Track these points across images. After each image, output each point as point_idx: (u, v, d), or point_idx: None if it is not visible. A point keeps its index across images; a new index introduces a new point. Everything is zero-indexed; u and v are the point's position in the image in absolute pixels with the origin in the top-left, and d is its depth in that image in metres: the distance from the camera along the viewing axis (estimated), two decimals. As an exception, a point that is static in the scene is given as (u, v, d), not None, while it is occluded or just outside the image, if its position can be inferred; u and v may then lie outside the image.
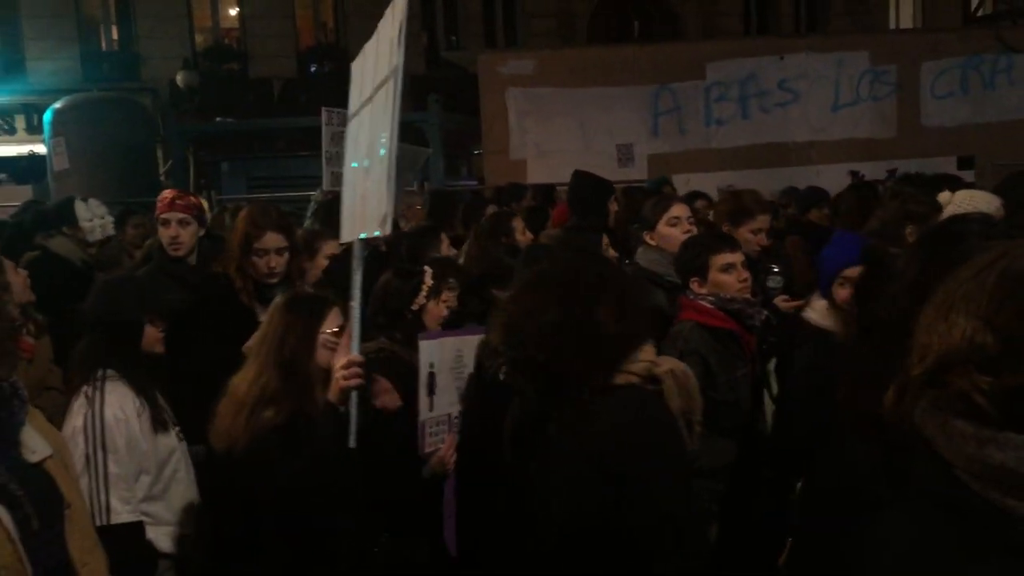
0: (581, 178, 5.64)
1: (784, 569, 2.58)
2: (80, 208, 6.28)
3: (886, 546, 1.30)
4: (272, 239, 3.88)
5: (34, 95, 18.22)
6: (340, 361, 2.71)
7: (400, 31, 2.45)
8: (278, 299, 3.10)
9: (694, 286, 3.69)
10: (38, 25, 19.17)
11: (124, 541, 2.97)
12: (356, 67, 3.03)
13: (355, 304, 2.72)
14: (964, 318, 1.24)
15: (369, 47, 2.86)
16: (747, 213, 4.57)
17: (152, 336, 3.32)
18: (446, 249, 4.89)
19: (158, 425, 3.21)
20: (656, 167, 9.95)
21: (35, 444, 2.52)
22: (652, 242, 4.37)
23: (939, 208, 4.32)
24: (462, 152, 18.02)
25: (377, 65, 2.68)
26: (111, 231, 6.46)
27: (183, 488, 3.32)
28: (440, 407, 3.00)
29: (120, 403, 3.13)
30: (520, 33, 20.96)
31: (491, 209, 6.58)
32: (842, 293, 3.33)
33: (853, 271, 3.24)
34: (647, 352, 2.46)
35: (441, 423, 3.02)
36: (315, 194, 7.17)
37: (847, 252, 3.38)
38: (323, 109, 6.91)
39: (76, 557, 2.51)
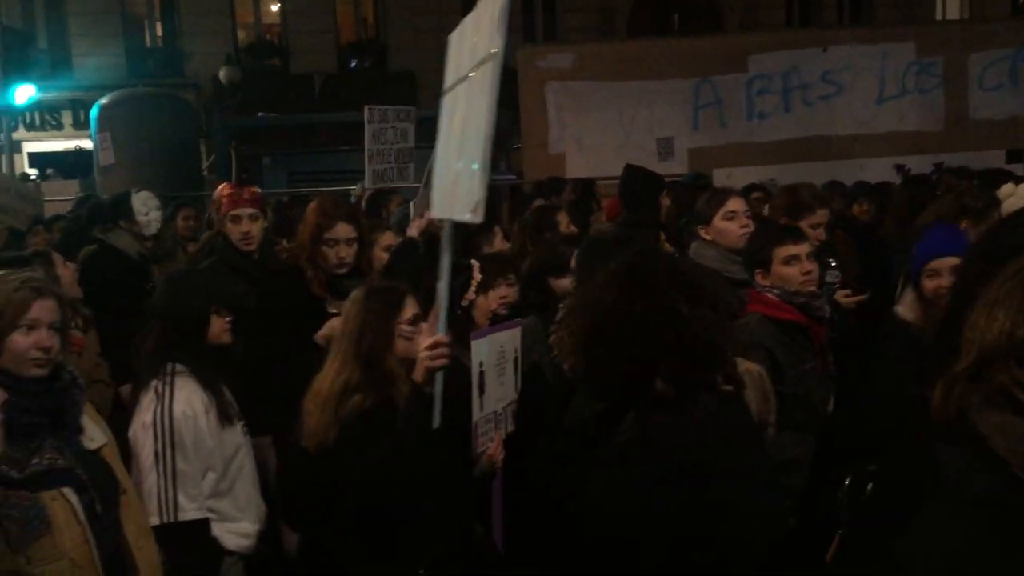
0: (632, 172, 5.61)
1: (832, 564, 2.54)
2: (136, 201, 6.36)
3: (930, 544, 1.28)
4: (343, 229, 3.91)
5: (80, 91, 18.53)
6: (426, 341, 2.73)
7: (502, 14, 2.39)
8: (355, 293, 3.11)
9: (758, 278, 3.64)
10: (84, 22, 19.49)
11: (190, 538, 3.00)
12: (454, 40, 2.98)
13: (442, 284, 2.70)
14: (1004, 313, 1.23)
15: (468, 22, 2.80)
16: (805, 207, 4.50)
17: (219, 327, 3.33)
18: (500, 243, 4.87)
19: (224, 420, 3.22)
20: (696, 161, 9.87)
21: (93, 432, 2.62)
22: (707, 237, 4.26)
23: (995, 202, 4.26)
24: (500, 146, 18.02)
25: (476, 44, 2.63)
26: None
27: (248, 483, 3.33)
28: (488, 405, 2.98)
29: (188, 399, 3.13)
30: (559, 27, 20.89)
31: (537, 203, 6.56)
32: (929, 285, 3.31)
33: (940, 263, 3.25)
34: None
35: (489, 422, 2.99)
36: (355, 188, 7.21)
37: (935, 244, 3.37)
38: (365, 107, 6.94)
39: (132, 542, 2.61)
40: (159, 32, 20.60)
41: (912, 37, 10.09)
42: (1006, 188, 4.36)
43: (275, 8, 21.00)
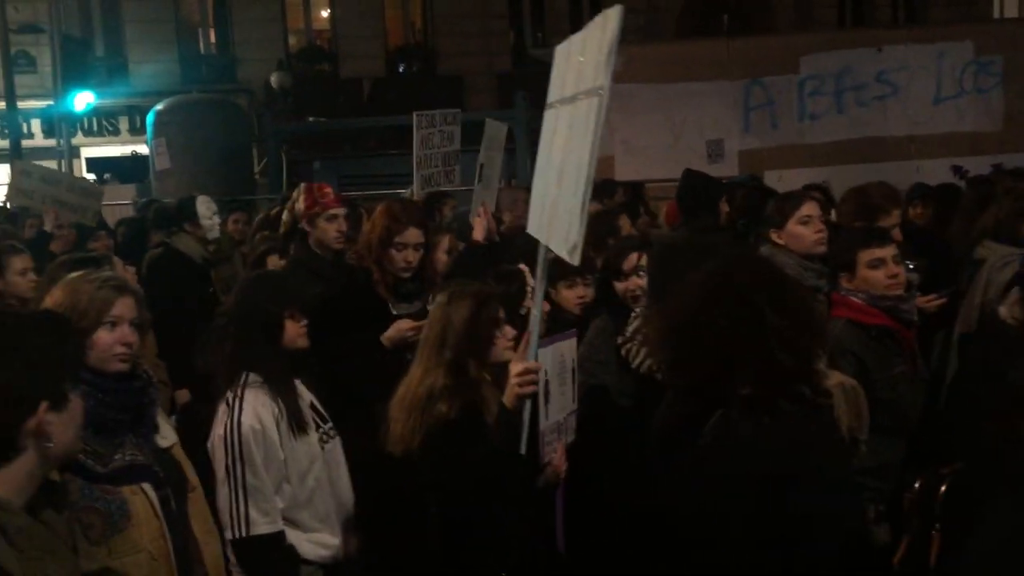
0: (692, 177, 5.56)
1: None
2: (200, 205, 6.46)
3: (991, 533, 1.26)
4: (413, 234, 3.92)
5: (136, 97, 18.95)
6: (516, 368, 2.70)
7: (611, 50, 2.32)
8: (439, 296, 3.11)
9: (843, 282, 3.55)
10: (139, 30, 19.91)
11: (264, 552, 2.99)
12: (560, 54, 2.93)
13: (536, 310, 2.69)
14: None
15: (576, 40, 2.73)
16: (878, 209, 4.35)
17: (294, 331, 3.23)
18: None
19: (298, 431, 3.15)
20: (747, 163, 9.75)
21: (165, 431, 2.73)
22: (780, 241, 4.08)
23: None
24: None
25: (583, 70, 2.57)
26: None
27: (327, 495, 3.24)
28: (552, 415, 2.94)
29: (257, 412, 3.08)
30: (607, 29, 20.83)
31: (595, 207, 6.53)
32: None
33: None
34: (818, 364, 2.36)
35: (553, 431, 2.95)
36: (404, 193, 7.24)
37: None
38: (414, 114, 6.96)
39: (199, 538, 2.69)
40: (212, 39, 20.97)
41: (970, 36, 9.85)
42: None
43: (325, 14, 21.25)
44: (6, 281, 4.51)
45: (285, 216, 5.08)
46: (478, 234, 4.41)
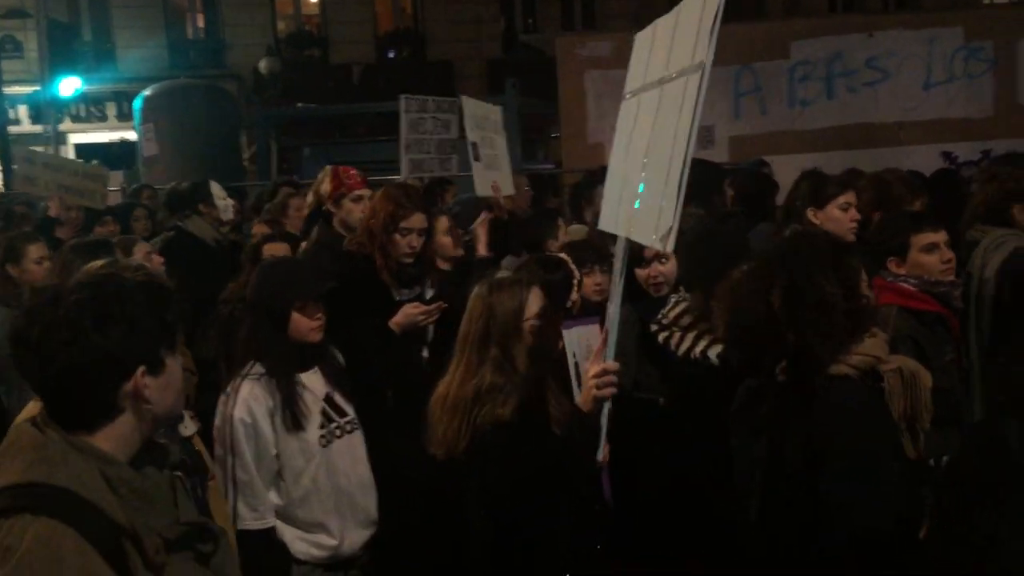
0: (694, 163, 5.54)
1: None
2: (214, 187, 6.43)
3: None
4: (418, 219, 3.90)
5: (124, 83, 18.81)
6: (593, 369, 2.54)
7: (714, 23, 2.20)
8: (476, 289, 2.94)
9: (892, 267, 3.47)
10: (127, 15, 19.75)
11: (251, 547, 2.91)
12: (642, 40, 2.82)
13: (614, 307, 2.54)
14: None
15: (663, 23, 2.63)
16: (900, 199, 4.37)
17: (303, 324, 3.13)
18: (564, 234, 4.79)
19: (293, 427, 3.07)
20: (737, 149, 9.74)
21: (186, 421, 2.70)
22: (816, 221, 4.18)
23: None
24: (539, 136, 17.96)
25: (673, 50, 2.45)
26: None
27: (327, 495, 3.15)
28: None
29: (249, 405, 3.02)
30: (598, 15, 20.74)
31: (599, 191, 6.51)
32: None
33: None
34: (876, 346, 2.33)
35: None
36: (398, 179, 7.20)
37: None
38: (401, 97, 6.92)
39: (219, 525, 2.67)
40: (200, 24, 20.80)
41: (960, 21, 9.85)
42: None
43: (314, -1, 21.12)
44: (22, 269, 4.53)
45: (309, 199, 5.10)
46: (500, 211, 4.52)
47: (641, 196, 2.41)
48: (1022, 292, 3.76)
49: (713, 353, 3.18)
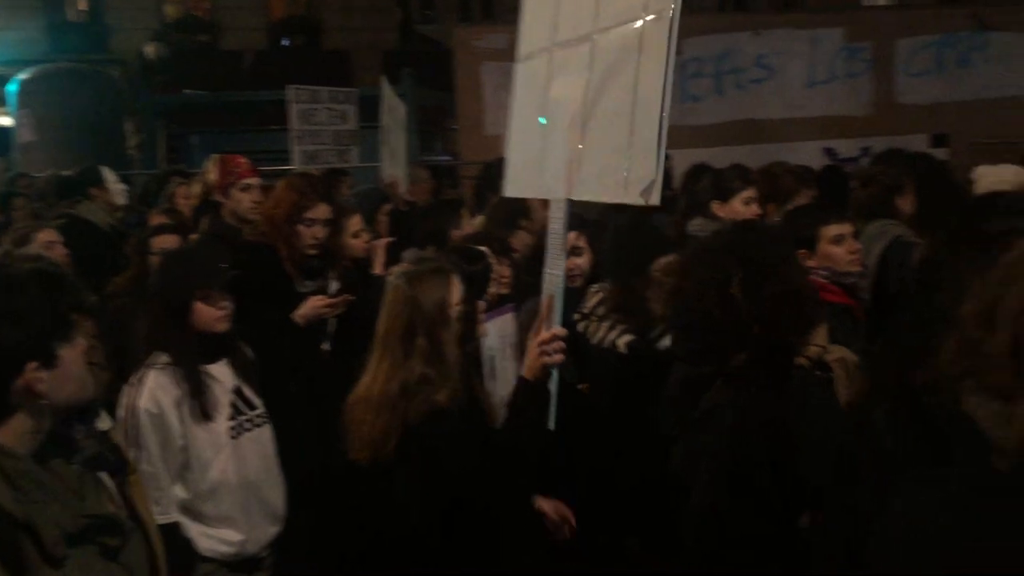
0: None
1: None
2: (107, 172, 6.21)
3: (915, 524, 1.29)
4: (323, 210, 3.84)
5: (-3, 66, 17.85)
6: (541, 336, 2.44)
7: None
8: (392, 280, 2.83)
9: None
10: (0, -6, 18.75)
11: None
12: (538, 1, 2.66)
13: (558, 272, 2.44)
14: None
15: None
16: (791, 192, 4.54)
17: (207, 314, 3.08)
18: (468, 226, 4.70)
19: (203, 417, 3.02)
20: (632, 143, 9.92)
21: (103, 414, 2.59)
22: (720, 215, 4.29)
23: (911, 175, 4.36)
24: (436, 128, 17.88)
25: (601, 3, 2.32)
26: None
27: (238, 485, 3.09)
28: (502, 390, 2.85)
29: (155, 395, 2.96)
30: (496, 6, 20.74)
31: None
32: None
33: None
34: (820, 336, 2.36)
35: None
36: (289, 170, 7.07)
37: None
38: (290, 87, 6.81)
39: (145, 519, 2.57)
40: (82, 6, 19.90)
41: (841, 22, 10.25)
42: (980, 169, 4.50)
43: (204, -18, 20.46)
44: None
45: (196, 189, 4.95)
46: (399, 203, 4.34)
47: (586, 155, 2.29)
48: (902, 280, 3.90)
49: (622, 343, 3.24)
